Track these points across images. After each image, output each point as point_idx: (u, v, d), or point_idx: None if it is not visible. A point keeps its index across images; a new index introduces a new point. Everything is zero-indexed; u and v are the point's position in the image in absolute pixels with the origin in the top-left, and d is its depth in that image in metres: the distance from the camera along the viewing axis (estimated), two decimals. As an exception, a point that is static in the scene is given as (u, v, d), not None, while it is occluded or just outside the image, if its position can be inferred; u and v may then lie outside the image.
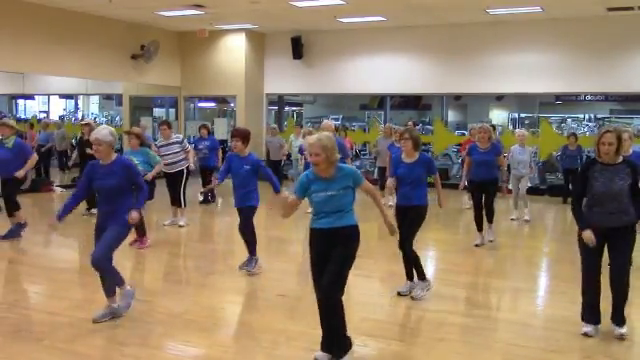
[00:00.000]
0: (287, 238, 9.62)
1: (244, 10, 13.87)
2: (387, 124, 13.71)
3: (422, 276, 6.18)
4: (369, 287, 6.75)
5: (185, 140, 10.05)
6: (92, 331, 5.04)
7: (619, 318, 5.02)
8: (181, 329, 5.27)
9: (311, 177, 4.38)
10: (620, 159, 4.93)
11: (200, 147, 11.84)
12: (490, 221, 8.62)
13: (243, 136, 6.72)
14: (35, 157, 8.91)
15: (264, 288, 6.69)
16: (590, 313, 5.09)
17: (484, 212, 8.54)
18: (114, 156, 5.22)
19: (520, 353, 4.82)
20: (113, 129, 5.31)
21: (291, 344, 4.90)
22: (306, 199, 4.52)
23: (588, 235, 4.89)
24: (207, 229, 10.73)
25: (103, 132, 5.14)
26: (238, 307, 6.33)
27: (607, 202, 4.87)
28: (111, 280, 5.28)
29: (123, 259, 7.77)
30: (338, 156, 4.35)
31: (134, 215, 5.13)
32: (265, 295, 6.41)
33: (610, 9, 12.86)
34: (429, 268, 7.85)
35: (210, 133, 12.61)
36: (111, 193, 5.13)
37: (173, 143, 9.60)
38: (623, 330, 4.99)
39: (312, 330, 4.73)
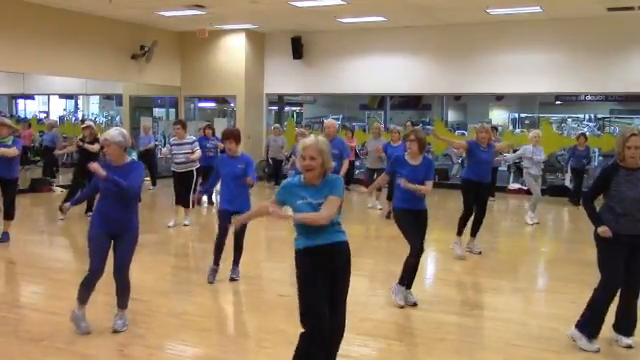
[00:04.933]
0: (288, 238, 9.57)
1: (244, 10, 13.86)
2: (376, 124, 13.57)
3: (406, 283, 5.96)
4: (369, 287, 6.74)
5: (196, 142, 9.98)
6: (92, 331, 5.02)
7: (628, 330, 4.82)
8: (181, 329, 5.27)
9: (298, 184, 3.89)
10: None
11: (208, 146, 11.74)
12: (474, 234, 8.21)
13: (237, 137, 6.65)
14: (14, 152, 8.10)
15: (264, 288, 6.69)
16: (595, 329, 4.78)
17: (473, 219, 8.10)
18: (127, 158, 4.99)
19: (520, 353, 4.82)
20: (125, 131, 5.05)
21: (291, 344, 4.88)
22: None
23: (605, 229, 4.63)
24: (207, 230, 10.70)
25: (112, 132, 4.91)
26: (238, 307, 6.33)
27: (635, 209, 4.60)
28: (127, 292, 5.12)
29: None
30: (332, 165, 3.91)
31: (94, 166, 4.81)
32: (265, 295, 6.40)
33: (610, 9, 12.84)
34: (429, 268, 7.86)
35: (214, 134, 12.46)
36: (126, 198, 4.89)
37: (185, 143, 9.66)
38: (630, 341, 4.80)
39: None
